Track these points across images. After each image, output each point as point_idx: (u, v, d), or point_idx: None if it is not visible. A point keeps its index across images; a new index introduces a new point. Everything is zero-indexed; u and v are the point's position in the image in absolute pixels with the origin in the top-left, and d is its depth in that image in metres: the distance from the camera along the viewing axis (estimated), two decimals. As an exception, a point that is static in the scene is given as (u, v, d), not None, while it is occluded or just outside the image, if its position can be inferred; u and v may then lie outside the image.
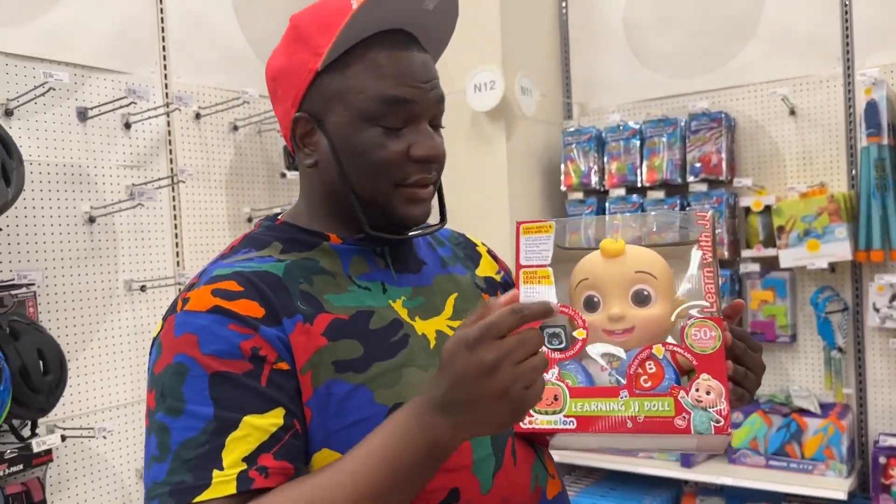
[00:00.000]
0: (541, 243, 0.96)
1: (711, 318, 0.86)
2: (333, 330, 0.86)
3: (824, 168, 2.87)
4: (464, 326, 0.74)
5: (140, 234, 2.32)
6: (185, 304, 0.84)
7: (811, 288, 2.90)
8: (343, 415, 0.83)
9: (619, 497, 2.96)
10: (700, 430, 0.81)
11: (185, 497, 0.75)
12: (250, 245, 0.94)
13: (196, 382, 0.79)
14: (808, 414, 2.76)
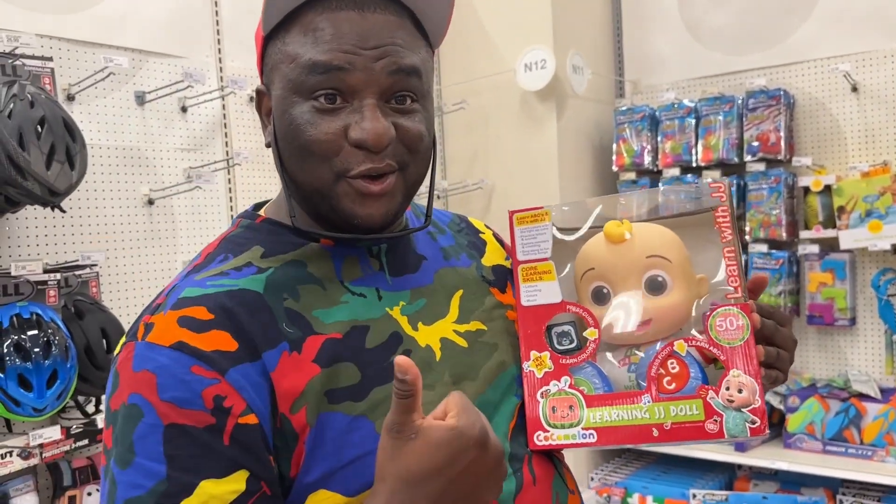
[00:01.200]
0: (538, 234, 0.87)
1: (737, 304, 0.77)
2: (326, 354, 0.74)
3: (887, 146, 2.77)
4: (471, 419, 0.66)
5: (197, 216, 2.37)
6: (147, 332, 0.72)
7: (872, 270, 2.81)
8: (341, 451, 0.72)
9: (671, 480, 2.94)
10: (734, 434, 0.74)
11: None
12: (227, 250, 0.81)
13: (149, 432, 0.68)
14: (867, 399, 2.69)
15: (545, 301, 0.84)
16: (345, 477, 0.72)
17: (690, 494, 2.77)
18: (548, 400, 0.81)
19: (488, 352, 0.85)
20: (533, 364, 0.83)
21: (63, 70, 2.04)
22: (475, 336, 0.85)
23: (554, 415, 0.80)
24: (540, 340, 0.84)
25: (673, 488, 2.87)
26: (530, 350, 0.83)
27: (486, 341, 0.85)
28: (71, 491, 1.94)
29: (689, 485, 2.85)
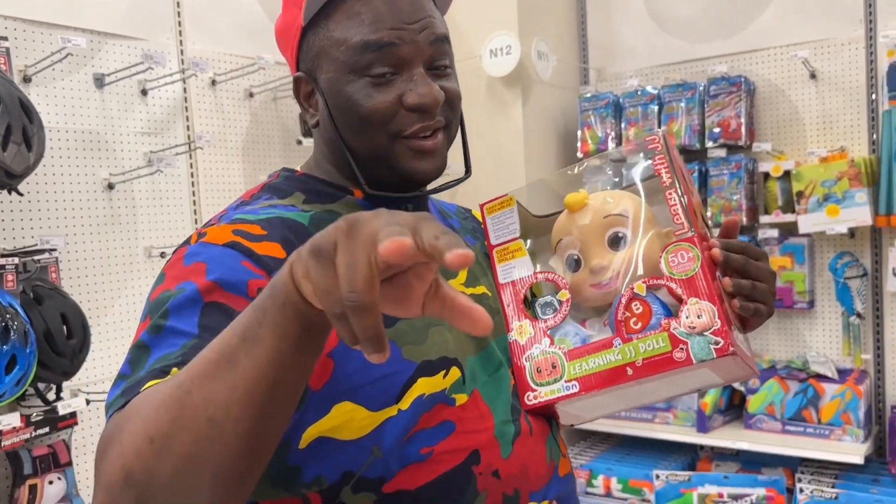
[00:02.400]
0: (506, 218, 0.93)
1: (685, 238, 0.82)
2: None
3: (845, 132, 2.83)
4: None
5: (158, 200, 2.34)
6: (200, 238, 0.79)
7: (830, 253, 2.88)
8: (368, 369, 0.77)
9: (634, 462, 2.98)
10: (701, 357, 0.76)
11: (135, 390, 0.65)
12: (271, 192, 0.89)
13: (189, 305, 0.71)
14: (825, 379, 2.76)
15: (520, 275, 0.90)
16: (370, 393, 0.77)
17: (654, 475, 2.81)
18: (532, 362, 0.85)
19: (492, 313, 0.88)
20: (516, 333, 0.87)
21: (19, 51, 1.99)
22: (480, 298, 0.92)
23: (539, 374, 0.84)
24: (520, 311, 0.88)
25: (637, 469, 2.91)
26: (512, 321, 0.88)
27: (490, 305, 0.92)
28: (32, 479, 1.91)
29: (652, 466, 2.90)
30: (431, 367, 0.81)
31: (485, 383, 0.85)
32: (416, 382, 0.79)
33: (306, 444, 0.77)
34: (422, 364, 0.80)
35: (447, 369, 0.82)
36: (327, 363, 0.77)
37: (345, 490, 0.78)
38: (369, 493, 0.78)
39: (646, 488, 2.88)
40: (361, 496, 0.78)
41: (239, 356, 0.57)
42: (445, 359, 0.82)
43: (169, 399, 0.59)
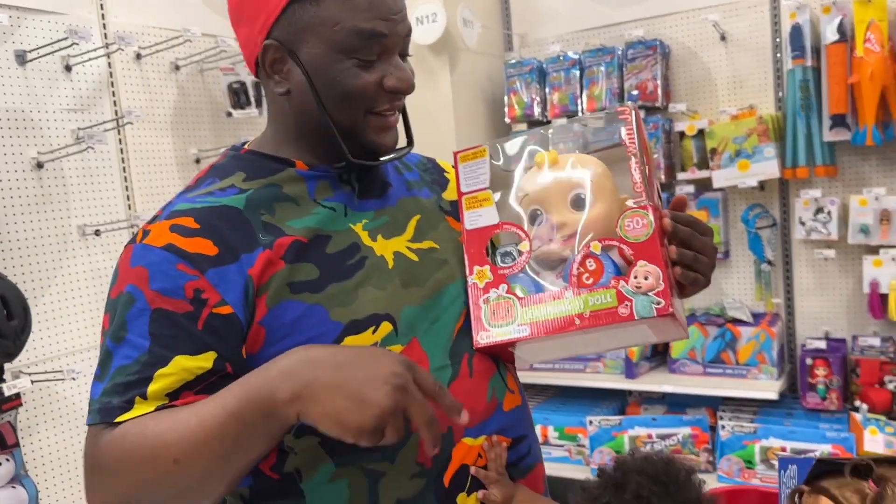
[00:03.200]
0: (478, 168, 0.99)
1: (641, 206, 0.89)
2: (292, 253, 0.89)
3: (753, 91, 3.00)
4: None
5: (89, 178, 2.31)
6: (144, 237, 0.88)
7: (742, 206, 3.07)
8: (299, 333, 0.86)
9: (569, 410, 3.14)
10: (643, 315, 0.84)
11: (108, 416, 0.82)
12: (214, 175, 0.96)
13: (139, 315, 0.83)
14: (741, 323, 2.96)
15: (486, 223, 0.97)
16: None
17: (588, 421, 2.98)
18: (489, 305, 0.93)
19: (438, 266, 0.99)
20: (476, 277, 0.95)
21: (-66, 28, 1.94)
22: (427, 252, 1.00)
23: (494, 316, 0.92)
24: (482, 257, 0.96)
25: (571, 417, 3.07)
26: (474, 265, 0.96)
27: (437, 257, 1.00)
28: (-22, 463, 1.90)
29: (585, 413, 3.06)
30: (359, 326, 0.89)
31: (426, 331, 0.93)
32: (343, 341, 0.87)
33: None
34: (349, 324, 0.88)
35: (377, 325, 0.90)
36: (259, 330, 0.87)
37: (287, 436, 0.87)
38: (311, 436, 0.87)
39: (580, 434, 3.04)
40: (305, 439, 0.87)
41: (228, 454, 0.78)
42: (375, 315, 0.90)
43: (154, 462, 0.78)
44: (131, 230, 2.39)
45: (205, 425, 0.77)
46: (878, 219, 2.71)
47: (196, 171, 2.64)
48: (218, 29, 2.64)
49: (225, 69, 2.64)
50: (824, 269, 2.97)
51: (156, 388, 0.81)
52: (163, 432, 0.79)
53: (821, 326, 3.00)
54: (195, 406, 0.80)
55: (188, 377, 0.82)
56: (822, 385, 2.82)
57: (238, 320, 0.85)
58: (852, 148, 2.80)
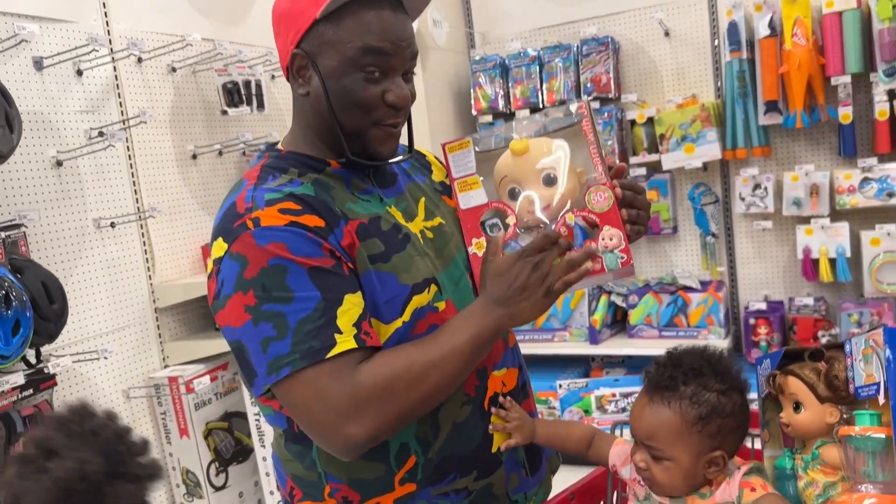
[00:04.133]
0: (464, 157, 1.17)
1: (603, 183, 1.11)
2: (361, 232, 1.07)
3: (695, 81, 3.34)
4: (494, 256, 1.06)
5: (102, 175, 2.48)
6: (256, 223, 1.01)
7: (688, 185, 3.40)
8: (381, 294, 1.06)
9: (539, 376, 3.43)
10: (611, 267, 1.07)
11: (317, 356, 0.97)
12: (271, 172, 1.11)
13: (298, 277, 0.99)
14: (690, 290, 3.29)
15: (477, 203, 1.17)
16: (383, 311, 1.06)
17: (557, 385, 3.27)
18: None
19: (448, 238, 1.19)
20: (475, 247, 1.15)
21: (-36, 38, 2.09)
22: (439, 228, 1.19)
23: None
24: (477, 230, 1.16)
25: (542, 382, 3.36)
26: (472, 238, 1.16)
27: (446, 231, 1.20)
28: (25, 436, 2.08)
29: (554, 378, 3.36)
30: (419, 288, 1.09)
31: (454, 291, 1.15)
32: (411, 300, 1.07)
33: None
34: (413, 286, 1.08)
35: (429, 287, 1.10)
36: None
37: None
38: None
39: (551, 397, 3.34)
40: None
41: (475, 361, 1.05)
42: (427, 280, 1.10)
43: (426, 378, 1.00)
44: (140, 222, 2.57)
45: (459, 350, 1.01)
46: (808, 192, 3.08)
47: (192, 166, 2.84)
48: (211, 33, 2.83)
49: (219, 70, 2.83)
50: (762, 239, 3.33)
51: (344, 322, 0.99)
52: (428, 359, 1.00)
53: (761, 290, 3.36)
54: (437, 340, 1.03)
55: (360, 309, 1.01)
56: (764, 342, 3.18)
57: (355, 274, 1.06)
58: (784, 130, 3.16)
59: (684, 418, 0.99)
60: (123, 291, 2.52)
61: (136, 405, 2.54)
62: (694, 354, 1.04)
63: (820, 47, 2.95)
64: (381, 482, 1.09)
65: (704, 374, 1.01)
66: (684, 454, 0.99)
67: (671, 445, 1.00)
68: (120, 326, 2.53)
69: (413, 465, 1.09)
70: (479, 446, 1.13)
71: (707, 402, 0.99)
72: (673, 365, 1.02)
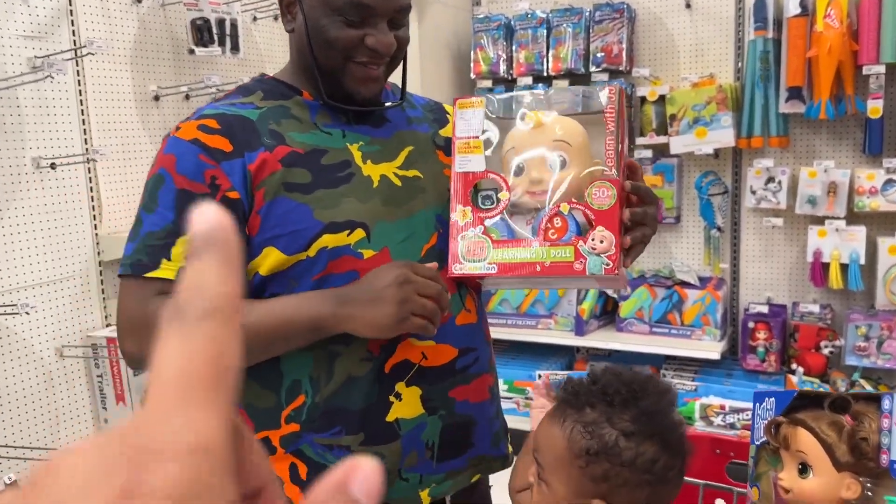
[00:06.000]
0: (473, 117, 1.08)
1: (609, 179, 1.00)
2: (289, 159, 1.06)
3: (714, 60, 3.07)
4: None
5: (45, 109, 2.23)
6: (177, 131, 1.07)
7: (696, 173, 3.15)
8: (286, 224, 1.04)
9: (520, 364, 3.21)
10: (593, 272, 0.99)
11: (139, 271, 1.02)
12: (239, 93, 1.15)
13: (167, 192, 1.03)
14: (688, 286, 3.06)
15: (473, 169, 1.08)
16: (286, 241, 1.04)
17: (536, 375, 3.05)
18: (465, 242, 1.06)
19: (416, 192, 1.14)
20: (458, 215, 1.08)
21: None
22: (411, 180, 1.14)
23: (469, 252, 1.04)
24: (465, 198, 1.07)
25: (521, 371, 3.15)
26: (457, 204, 1.08)
27: (418, 185, 1.14)
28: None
29: (534, 367, 3.14)
30: (336, 227, 1.06)
31: (398, 244, 1.09)
32: (321, 237, 1.04)
33: (250, 276, 1.06)
34: (328, 224, 1.05)
35: (351, 230, 1.06)
36: (256, 219, 1.05)
37: None
38: None
39: (529, 387, 3.12)
40: None
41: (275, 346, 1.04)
42: (351, 221, 1.06)
43: None
44: (87, 164, 2.33)
45: (262, 321, 1.00)
46: (825, 191, 2.82)
47: (153, 108, 2.58)
48: (183, -38, 2.55)
49: (188, 4, 2.56)
50: (771, 237, 3.08)
51: (178, 252, 1.02)
52: None
53: (764, 292, 3.12)
54: (250, 302, 1.02)
55: None
56: (762, 348, 2.95)
57: (242, 205, 1.04)
58: (805, 121, 2.90)
59: (570, 446, 0.81)
60: (63, 241, 2.29)
61: (70, 365, 2.32)
62: (621, 379, 0.83)
63: (854, 32, 2.67)
64: (270, 415, 1.09)
65: (616, 405, 0.80)
66: (560, 485, 0.81)
67: (551, 470, 0.83)
68: (57, 278, 2.29)
69: (300, 405, 1.08)
70: (371, 409, 1.09)
71: (600, 438, 0.79)
72: (591, 381, 0.81)
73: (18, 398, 2.19)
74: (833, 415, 0.77)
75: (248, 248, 1.05)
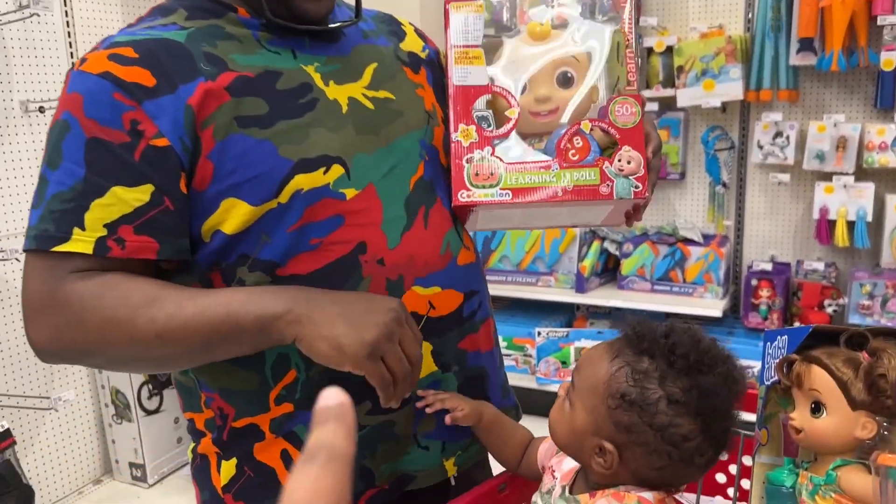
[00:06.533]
0: (472, 22, 0.94)
1: (633, 95, 0.91)
2: (238, 86, 0.86)
3: (724, 9, 2.98)
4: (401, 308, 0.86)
5: (33, 51, 2.17)
6: (82, 64, 0.84)
7: (702, 127, 3.08)
8: (247, 167, 0.85)
9: (518, 322, 3.18)
10: (622, 195, 0.89)
11: (45, 244, 0.81)
12: (156, 14, 0.92)
13: (74, 142, 0.82)
14: (691, 243, 3.01)
15: (475, 82, 0.93)
16: (249, 188, 0.85)
17: (536, 332, 3.02)
18: (472, 165, 0.91)
19: (393, 116, 0.96)
20: (460, 135, 0.92)
21: None
22: (383, 102, 0.96)
23: (476, 177, 0.91)
24: (468, 115, 0.92)
25: (520, 328, 3.11)
26: (459, 123, 0.92)
27: (393, 108, 0.96)
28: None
29: (534, 325, 3.10)
30: (309, 164, 0.87)
31: (381, 178, 0.92)
32: (293, 178, 0.86)
33: (208, 238, 0.87)
34: (298, 162, 0.86)
35: (328, 167, 0.88)
36: (207, 165, 0.84)
37: (241, 269, 0.88)
38: (264, 273, 0.88)
39: (528, 344, 3.09)
40: (257, 274, 0.88)
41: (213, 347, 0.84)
42: (326, 157, 0.88)
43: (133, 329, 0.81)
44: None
45: (202, 315, 0.81)
46: (834, 146, 2.76)
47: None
48: None
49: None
50: (777, 194, 3.03)
51: (93, 218, 0.81)
52: (149, 304, 0.81)
53: (768, 250, 3.08)
54: (190, 292, 0.84)
55: (126, 209, 0.81)
56: (765, 306, 2.91)
57: (175, 153, 0.83)
58: (815, 73, 2.82)
59: (610, 382, 0.75)
60: (53, 186, 2.24)
61: (61, 314, 2.29)
62: (696, 345, 0.74)
63: (870, -19, 2.58)
64: (255, 397, 0.91)
65: (676, 367, 0.73)
66: (583, 412, 0.77)
67: (581, 394, 0.78)
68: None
69: (293, 381, 0.90)
70: None
71: (643, 390, 0.73)
72: (664, 333, 0.74)
73: (10, 347, 2.16)
74: (849, 351, 0.73)
75: (198, 203, 0.85)
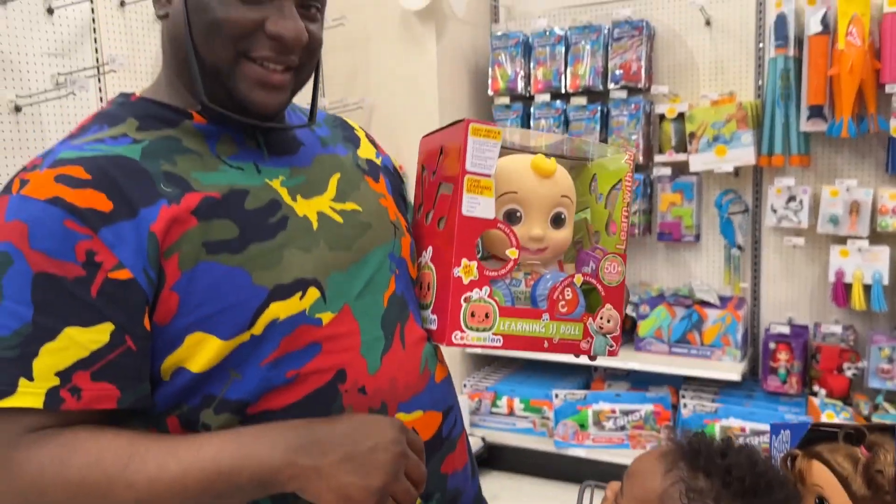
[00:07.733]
0: (487, 150, 0.91)
1: (620, 254, 0.96)
2: (204, 209, 0.78)
3: (734, 77, 3.04)
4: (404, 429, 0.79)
5: (67, 125, 2.26)
6: (22, 187, 0.74)
7: (716, 191, 3.12)
8: (217, 298, 0.77)
9: (535, 383, 3.19)
10: (598, 353, 0.94)
11: None
12: (102, 122, 0.83)
13: (18, 278, 0.71)
14: (708, 306, 3.02)
15: (481, 215, 0.90)
16: (220, 321, 0.77)
17: (553, 394, 3.03)
18: (469, 305, 0.89)
19: (362, 229, 0.91)
20: (462, 270, 0.89)
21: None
22: (351, 214, 0.91)
23: (472, 319, 0.89)
24: (471, 250, 0.90)
25: (537, 390, 3.12)
26: (461, 257, 0.89)
27: (361, 220, 0.92)
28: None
29: (551, 386, 3.11)
30: (284, 291, 0.80)
31: (358, 295, 0.86)
32: (268, 308, 0.78)
33: (168, 376, 0.78)
34: (274, 289, 0.79)
35: (304, 291, 0.81)
36: (171, 297, 0.76)
37: (206, 412, 0.79)
38: (233, 415, 0.79)
39: (545, 406, 3.09)
40: (224, 416, 0.79)
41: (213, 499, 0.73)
42: (302, 280, 0.81)
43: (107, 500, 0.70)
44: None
45: (187, 474, 0.71)
46: (847, 210, 2.78)
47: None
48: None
49: (210, 22, 2.59)
50: (792, 257, 3.04)
51: (43, 365, 0.70)
52: (124, 466, 0.70)
53: (785, 312, 3.08)
54: (170, 445, 0.73)
55: (82, 353, 0.72)
56: (784, 369, 2.90)
57: (139, 286, 0.74)
58: (827, 139, 2.86)
59: (663, 496, 0.77)
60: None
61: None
62: (753, 468, 0.75)
63: (876, 50, 2.65)
64: None
65: (731, 489, 0.75)
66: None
67: (632, 499, 0.80)
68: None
69: None
70: None
71: None
72: (721, 451, 0.76)
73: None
74: (849, 447, 0.75)
75: (158, 338, 0.76)
